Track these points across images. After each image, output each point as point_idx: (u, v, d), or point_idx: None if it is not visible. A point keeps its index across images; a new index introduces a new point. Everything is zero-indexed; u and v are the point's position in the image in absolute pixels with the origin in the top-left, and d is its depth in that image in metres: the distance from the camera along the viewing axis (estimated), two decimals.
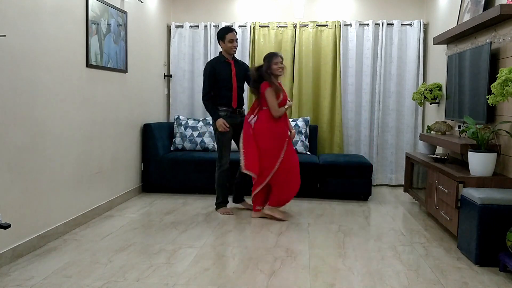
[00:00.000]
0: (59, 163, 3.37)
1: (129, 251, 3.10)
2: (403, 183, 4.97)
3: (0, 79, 2.72)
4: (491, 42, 3.47)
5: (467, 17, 4.05)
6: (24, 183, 2.98)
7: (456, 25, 4.10)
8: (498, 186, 3.18)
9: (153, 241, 3.33)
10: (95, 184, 3.93)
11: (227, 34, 4.02)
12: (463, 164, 3.74)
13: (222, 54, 4.13)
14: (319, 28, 5.55)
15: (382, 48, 5.48)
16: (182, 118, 5.37)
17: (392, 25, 5.50)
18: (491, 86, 2.97)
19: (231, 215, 4.09)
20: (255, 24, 5.60)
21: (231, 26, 5.34)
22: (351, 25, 5.54)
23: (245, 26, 5.62)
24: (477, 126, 3.42)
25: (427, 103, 5.30)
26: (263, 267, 2.85)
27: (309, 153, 5.22)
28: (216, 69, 4.04)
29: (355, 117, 5.61)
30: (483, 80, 3.50)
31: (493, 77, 3.32)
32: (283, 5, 5.70)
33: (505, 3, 3.22)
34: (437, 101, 4.91)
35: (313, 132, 5.35)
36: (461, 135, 3.89)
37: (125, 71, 4.46)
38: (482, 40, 3.76)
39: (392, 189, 5.47)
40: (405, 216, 4.20)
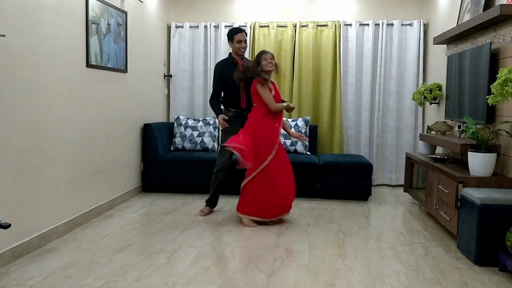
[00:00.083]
0: (59, 163, 3.37)
1: (129, 251, 3.10)
2: (403, 183, 4.97)
3: (0, 79, 2.73)
4: (491, 42, 3.47)
5: (467, 17, 4.05)
6: (24, 183, 2.98)
7: (456, 25, 4.11)
8: (498, 186, 3.19)
9: (153, 241, 3.33)
10: (95, 184, 3.94)
11: (235, 34, 4.03)
12: (463, 164, 3.74)
13: (231, 54, 4.14)
14: (319, 28, 5.55)
15: (382, 48, 5.48)
16: (182, 118, 5.37)
17: (392, 25, 5.50)
18: (491, 86, 2.98)
19: (201, 215, 4.03)
20: (255, 24, 5.60)
21: (240, 26, 5.36)
22: (351, 25, 5.54)
23: (245, 26, 5.62)
24: (477, 126, 3.42)
25: (427, 103, 5.31)
26: (263, 267, 2.85)
27: (309, 153, 5.22)
28: (224, 70, 4.04)
29: (355, 117, 5.61)
30: (483, 80, 3.50)
31: (493, 77, 3.32)
32: (283, 5, 5.70)
33: (505, 3, 3.23)
34: (437, 101, 4.91)
35: (313, 132, 5.35)
36: (461, 135, 3.89)
37: (125, 71, 4.46)
38: (482, 40, 3.77)
39: (392, 189, 5.47)
40: (405, 216, 4.20)
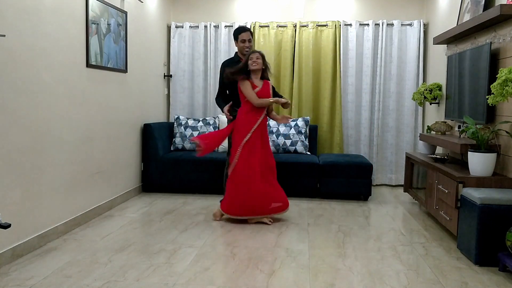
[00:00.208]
0: (59, 163, 3.37)
1: (129, 251, 3.10)
2: (403, 183, 4.97)
3: (0, 79, 2.73)
4: (491, 42, 3.47)
5: (467, 17, 4.05)
6: (24, 183, 2.98)
7: (456, 25, 4.11)
8: (498, 186, 3.19)
9: (153, 241, 3.33)
10: (95, 184, 3.94)
11: (240, 34, 4.05)
12: (463, 164, 3.74)
13: (236, 54, 4.14)
14: (319, 28, 5.55)
15: (382, 48, 5.48)
16: (182, 118, 5.37)
17: (392, 25, 5.50)
18: (491, 86, 2.97)
19: (216, 219, 3.96)
20: (255, 24, 5.60)
21: (250, 25, 5.37)
22: (351, 25, 5.54)
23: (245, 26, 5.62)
24: (477, 126, 3.42)
25: (427, 103, 5.31)
26: (263, 267, 2.85)
27: (309, 153, 5.22)
28: (232, 67, 4.04)
29: (355, 117, 5.62)
30: (483, 80, 3.50)
31: (493, 77, 3.32)
32: (283, 5, 5.70)
33: (505, 3, 3.23)
34: (437, 101, 4.91)
35: (313, 132, 5.35)
36: (461, 135, 3.89)
37: (125, 71, 4.46)
38: (482, 40, 3.77)
39: (392, 189, 5.47)
40: (405, 216, 4.20)
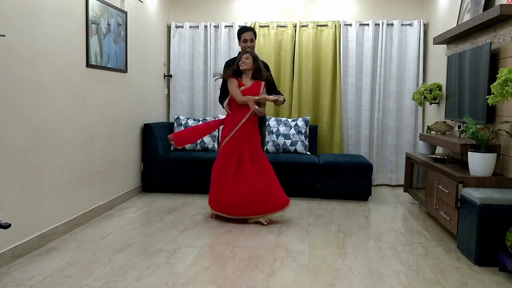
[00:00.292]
0: (59, 163, 3.37)
1: (129, 251, 3.10)
2: (403, 183, 4.97)
3: (0, 79, 2.73)
4: (491, 42, 3.47)
5: (467, 17, 4.05)
6: (24, 183, 2.98)
7: (456, 25, 4.11)
8: (498, 186, 3.19)
9: (153, 241, 3.33)
10: (95, 184, 3.94)
11: (242, 34, 4.07)
12: (463, 164, 3.74)
13: (240, 53, 4.14)
14: (319, 28, 5.55)
15: (382, 48, 5.48)
16: (182, 118, 5.37)
17: (392, 25, 5.50)
18: (491, 86, 2.97)
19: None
20: (255, 24, 5.60)
21: (249, 25, 5.38)
22: (351, 25, 5.54)
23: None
24: (477, 126, 3.42)
25: (427, 103, 5.31)
26: (263, 267, 2.85)
27: (309, 153, 5.22)
28: (229, 68, 4.04)
29: (355, 117, 5.61)
30: (483, 80, 3.50)
31: (493, 77, 3.32)
32: (283, 5, 5.70)
33: (505, 3, 3.23)
34: (437, 101, 4.91)
35: (313, 132, 5.35)
36: (461, 135, 3.89)
37: (125, 71, 4.46)
38: (482, 40, 3.77)
39: (392, 189, 5.48)
40: (405, 216, 4.20)
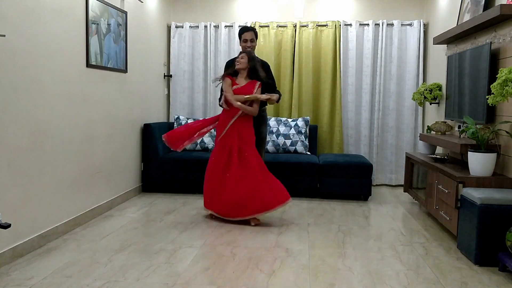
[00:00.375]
0: (59, 163, 3.37)
1: (129, 251, 3.10)
2: (403, 183, 4.97)
3: (0, 79, 2.73)
4: (491, 42, 3.47)
5: (467, 17, 4.05)
6: (24, 183, 2.98)
7: (456, 25, 4.11)
8: (498, 186, 3.19)
9: (153, 241, 3.33)
10: (95, 184, 3.94)
11: (242, 33, 4.08)
12: (463, 164, 3.74)
13: (240, 53, 4.14)
14: (319, 28, 5.55)
15: (382, 48, 5.48)
16: (182, 118, 5.37)
17: (392, 25, 5.50)
18: (491, 86, 2.97)
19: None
20: (255, 24, 5.60)
21: (250, 25, 5.36)
22: (351, 25, 5.54)
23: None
24: (477, 126, 3.42)
25: (427, 103, 5.30)
26: (263, 267, 2.85)
27: (309, 153, 5.22)
28: (230, 68, 4.05)
29: (355, 117, 5.61)
30: (483, 80, 3.50)
31: (493, 77, 3.32)
32: (283, 5, 5.70)
33: (505, 3, 3.23)
34: (437, 101, 4.91)
35: (313, 132, 5.34)
36: (461, 135, 3.89)
37: (125, 71, 4.46)
38: (482, 40, 3.77)
39: (392, 189, 5.47)
40: (405, 216, 4.20)
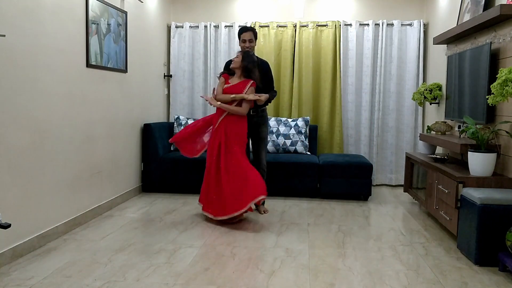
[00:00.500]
0: (59, 163, 3.37)
1: (129, 251, 3.10)
2: (403, 183, 4.97)
3: (0, 79, 2.73)
4: (491, 42, 3.47)
5: (467, 17, 4.05)
6: (24, 183, 2.98)
7: (456, 25, 4.11)
8: (498, 186, 3.19)
9: (153, 241, 3.33)
10: (95, 184, 3.94)
11: (241, 34, 4.09)
12: (463, 164, 3.74)
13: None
14: (319, 28, 5.55)
15: (382, 48, 5.48)
16: (182, 118, 5.37)
17: (392, 25, 5.50)
18: (491, 86, 2.97)
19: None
20: (255, 24, 5.60)
21: (250, 25, 5.36)
22: (351, 25, 5.53)
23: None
24: (477, 126, 3.42)
25: (427, 103, 5.30)
26: (263, 267, 2.85)
27: (309, 153, 5.22)
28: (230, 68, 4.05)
29: (355, 117, 5.61)
30: (483, 80, 3.50)
31: (493, 77, 3.32)
32: (283, 5, 5.70)
33: (505, 3, 3.23)
34: (437, 101, 4.91)
35: (313, 132, 5.34)
36: (461, 135, 3.89)
37: (125, 71, 4.46)
38: (482, 40, 3.77)
39: (392, 189, 5.47)
40: (405, 216, 4.20)
